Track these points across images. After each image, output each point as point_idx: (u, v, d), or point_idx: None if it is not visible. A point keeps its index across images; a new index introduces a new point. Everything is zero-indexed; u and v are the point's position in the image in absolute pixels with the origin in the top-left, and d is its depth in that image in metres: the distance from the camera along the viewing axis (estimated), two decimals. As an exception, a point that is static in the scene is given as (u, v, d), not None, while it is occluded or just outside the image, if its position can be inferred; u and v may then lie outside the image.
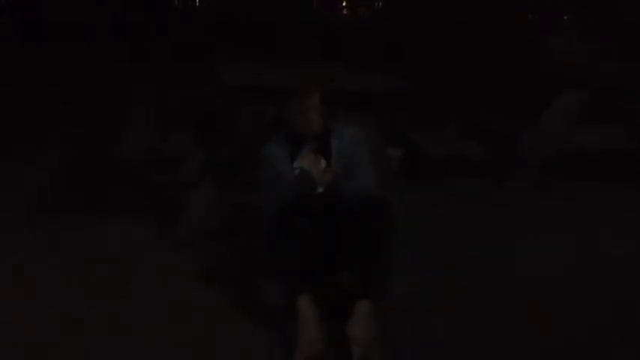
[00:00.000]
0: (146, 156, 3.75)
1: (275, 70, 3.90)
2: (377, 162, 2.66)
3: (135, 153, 3.79)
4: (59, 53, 6.02)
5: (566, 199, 3.79)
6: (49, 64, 5.84)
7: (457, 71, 4.79)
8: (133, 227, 3.24)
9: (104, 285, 2.61)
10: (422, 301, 2.47)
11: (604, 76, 4.55)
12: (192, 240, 3.08)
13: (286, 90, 2.56)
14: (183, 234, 3.13)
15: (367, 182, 2.43)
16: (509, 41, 4.96)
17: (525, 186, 3.96)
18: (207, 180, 3.36)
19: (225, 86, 4.03)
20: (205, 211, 3.22)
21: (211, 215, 3.21)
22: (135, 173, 3.72)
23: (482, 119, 4.48)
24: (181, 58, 5.74)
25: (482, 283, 2.65)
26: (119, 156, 3.83)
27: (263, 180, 2.52)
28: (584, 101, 4.13)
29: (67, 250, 2.96)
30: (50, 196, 3.61)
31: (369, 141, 2.63)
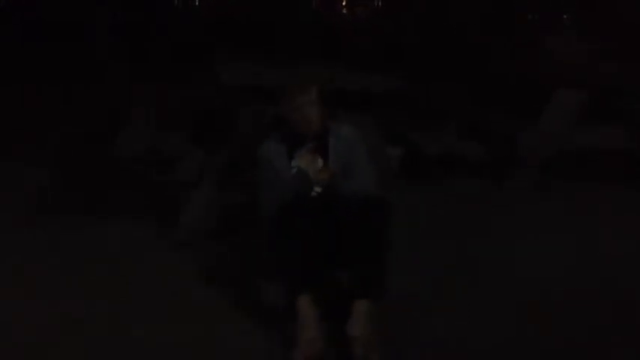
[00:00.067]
0: (146, 156, 3.75)
1: (275, 70, 3.90)
2: (376, 162, 2.66)
3: (135, 153, 3.79)
4: (59, 53, 6.02)
5: (566, 199, 3.79)
6: (49, 64, 5.84)
7: (457, 71, 4.79)
8: (133, 227, 3.24)
9: (104, 285, 2.61)
10: (422, 301, 2.47)
11: (604, 76, 4.55)
12: (192, 240, 3.07)
13: (283, 89, 2.55)
14: (183, 234, 3.13)
15: (365, 182, 2.42)
16: (509, 41, 4.96)
17: (525, 186, 3.96)
18: (207, 180, 3.36)
19: (225, 86, 4.03)
20: (205, 211, 3.22)
21: (211, 215, 3.20)
22: (135, 173, 3.72)
23: (482, 119, 4.48)
24: (181, 58, 5.74)
25: (482, 283, 2.65)
26: (119, 156, 3.83)
27: (261, 180, 2.52)
28: (584, 101, 4.13)
29: (67, 250, 2.96)
30: (50, 196, 3.61)
31: (368, 140, 2.62)
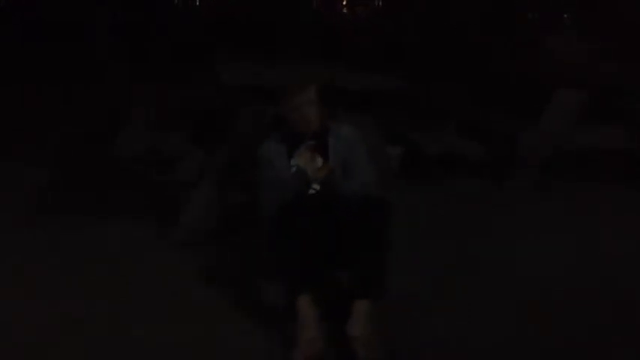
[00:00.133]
0: (146, 156, 3.75)
1: (275, 70, 3.89)
2: (376, 162, 2.66)
3: (135, 153, 3.79)
4: (59, 53, 6.02)
5: (566, 199, 3.79)
6: (49, 64, 5.84)
7: (457, 71, 4.78)
8: (133, 227, 3.24)
9: (104, 285, 2.61)
10: (422, 301, 2.47)
11: (604, 76, 4.54)
12: (192, 240, 3.07)
13: (283, 89, 2.55)
14: (183, 234, 3.13)
15: (365, 182, 2.42)
16: (509, 41, 4.96)
17: (525, 186, 3.96)
18: (207, 180, 3.35)
19: (225, 86, 4.03)
20: (205, 211, 3.22)
21: (211, 215, 3.20)
22: (135, 173, 3.72)
23: (482, 119, 4.48)
24: (181, 58, 5.74)
25: (482, 283, 2.65)
26: (119, 156, 3.83)
27: (261, 179, 2.52)
28: (584, 101, 4.13)
29: (67, 250, 2.96)
30: (50, 196, 3.62)
31: (368, 140, 2.62)
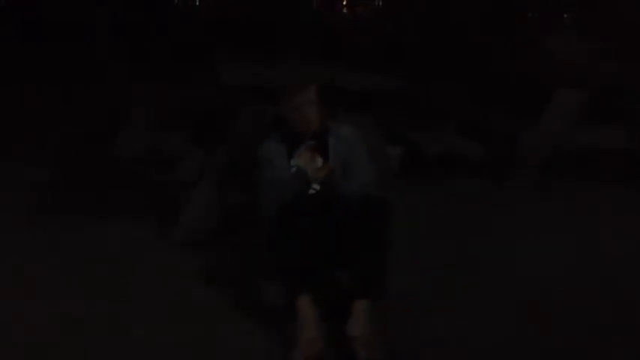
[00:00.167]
0: (146, 156, 3.75)
1: (275, 70, 3.89)
2: (376, 161, 2.66)
3: (135, 153, 3.79)
4: (59, 53, 6.02)
5: (566, 199, 3.79)
6: (49, 64, 5.84)
7: (457, 71, 4.78)
8: (133, 227, 3.24)
9: (104, 285, 2.61)
10: (422, 301, 2.47)
11: (604, 76, 4.54)
12: (192, 240, 3.07)
13: (283, 89, 2.55)
14: (183, 234, 3.13)
15: (366, 182, 2.43)
16: (509, 41, 4.96)
17: (525, 186, 3.96)
18: (207, 180, 3.35)
19: (225, 86, 4.03)
20: (205, 211, 3.22)
21: (211, 215, 3.20)
22: (135, 173, 3.72)
23: (482, 119, 4.47)
24: (181, 58, 5.74)
25: (482, 283, 2.65)
26: (119, 156, 3.83)
27: (261, 180, 2.52)
28: (584, 101, 4.13)
29: (67, 250, 2.96)
30: (50, 196, 3.61)
31: (368, 140, 2.62)
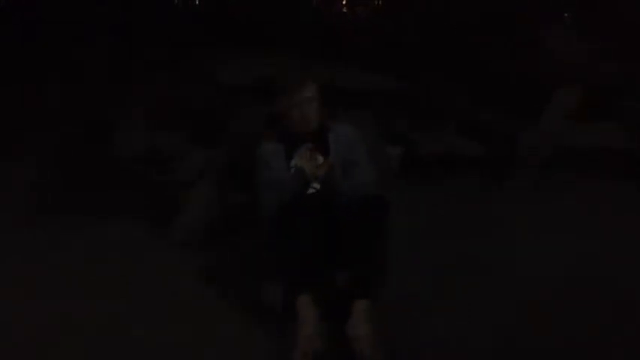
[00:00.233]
0: (146, 156, 3.75)
1: (275, 70, 3.89)
2: (376, 161, 2.66)
3: (135, 153, 3.79)
4: (59, 53, 6.01)
5: (566, 199, 3.78)
6: (49, 64, 5.83)
7: (457, 71, 4.77)
8: (133, 227, 3.24)
9: (104, 285, 2.62)
10: (422, 301, 2.47)
11: (604, 76, 4.54)
12: (192, 240, 3.07)
13: (283, 87, 2.55)
14: (183, 234, 3.13)
15: (365, 181, 2.43)
16: (509, 41, 4.95)
17: (525, 186, 3.96)
18: (207, 180, 3.35)
19: (225, 86, 4.03)
20: (205, 211, 3.22)
21: (211, 215, 3.20)
22: (135, 173, 3.72)
23: (482, 119, 4.47)
24: (181, 58, 5.73)
25: (482, 283, 2.65)
26: (119, 156, 3.83)
27: (259, 180, 2.51)
28: (582, 99, 4.13)
29: (67, 250, 2.96)
30: (50, 196, 3.61)
31: (367, 140, 2.63)
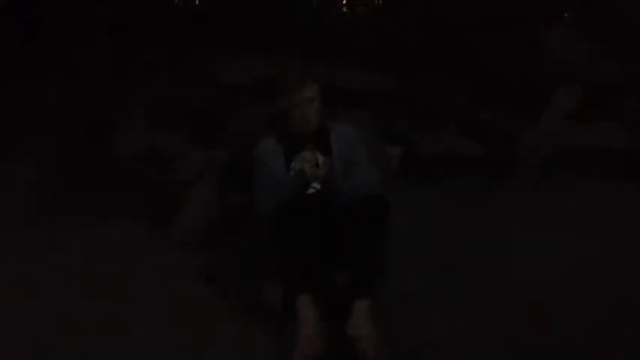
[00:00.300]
0: (146, 156, 3.75)
1: (275, 70, 3.89)
2: (376, 161, 2.66)
3: (135, 153, 3.79)
4: (59, 53, 6.01)
5: (566, 199, 3.78)
6: (49, 64, 5.83)
7: (457, 71, 4.77)
8: (133, 227, 3.24)
9: (104, 285, 2.62)
10: (422, 301, 2.47)
11: (604, 76, 4.54)
12: (192, 240, 3.07)
13: (282, 87, 2.54)
14: (183, 234, 3.13)
15: (366, 181, 2.42)
16: (509, 41, 4.95)
17: (525, 186, 3.96)
18: (206, 180, 3.35)
19: (225, 86, 4.03)
20: (205, 211, 3.22)
21: (211, 215, 3.20)
22: (135, 173, 3.72)
23: (482, 119, 4.47)
24: (181, 58, 5.73)
25: (482, 283, 2.65)
26: (119, 156, 3.83)
27: (256, 180, 2.50)
28: (582, 99, 4.13)
29: (67, 250, 2.96)
30: (50, 196, 3.61)
31: (367, 140, 2.62)
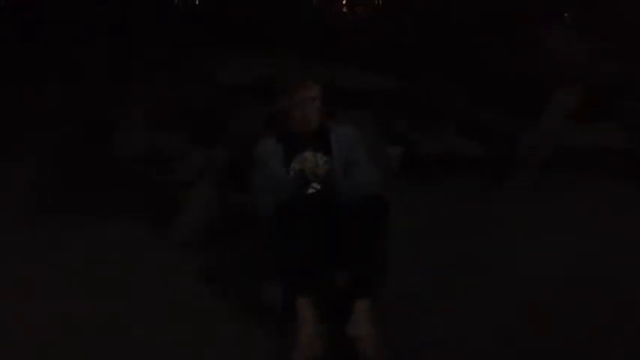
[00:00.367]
0: (146, 156, 3.75)
1: (275, 70, 3.89)
2: (376, 161, 2.66)
3: (135, 153, 3.79)
4: (59, 53, 6.01)
5: (566, 199, 3.79)
6: (49, 64, 5.83)
7: (457, 71, 4.77)
8: (133, 227, 3.24)
9: (104, 285, 2.62)
10: (422, 301, 2.47)
11: (604, 76, 4.54)
12: (192, 240, 3.07)
13: (283, 87, 2.54)
14: (183, 234, 3.13)
15: (366, 181, 2.42)
16: (509, 41, 4.95)
17: (525, 186, 3.96)
18: (207, 180, 3.36)
19: (225, 86, 4.03)
20: (205, 211, 3.22)
21: (211, 215, 3.20)
22: (135, 173, 3.72)
23: (482, 119, 4.47)
24: (181, 58, 5.73)
25: (482, 283, 2.65)
26: (119, 156, 3.83)
27: (256, 180, 2.49)
28: (582, 99, 4.14)
29: (67, 250, 2.96)
30: (50, 196, 3.61)
31: (367, 140, 2.62)
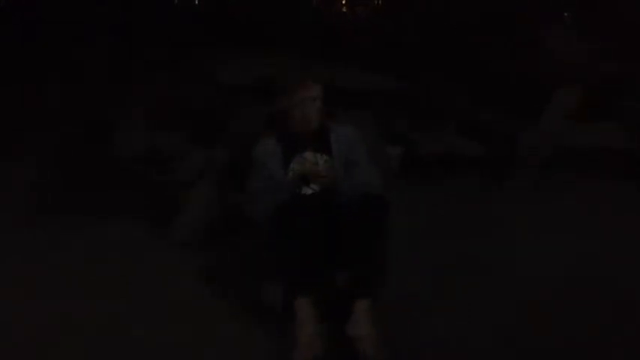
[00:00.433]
0: (146, 156, 3.75)
1: (275, 70, 3.89)
2: (376, 161, 2.66)
3: (135, 153, 3.79)
4: (59, 53, 6.01)
5: (566, 199, 3.79)
6: (49, 64, 5.83)
7: (457, 71, 4.77)
8: (133, 227, 3.24)
9: (104, 285, 2.62)
10: (422, 301, 2.47)
11: (604, 76, 4.54)
12: (192, 240, 3.07)
13: (283, 87, 2.54)
14: (183, 234, 3.13)
15: (366, 181, 2.42)
16: (509, 41, 4.95)
17: (525, 186, 3.96)
18: (206, 180, 3.35)
19: (225, 86, 4.03)
20: (205, 211, 3.22)
21: (211, 215, 3.20)
22: (135, 173, 3.72)
23: (482, 119, 4.47)
24: (181, 58, 5.73)
25: (482, 283, 2.65)
26: (119, 156, 3.83)
27: (255, 180, 2.49)
28: (582, 99, 4.14)
29: (67, 250, 2.96)
30: (50, 196, 3.61)
31: (367, 140, 2.62)
